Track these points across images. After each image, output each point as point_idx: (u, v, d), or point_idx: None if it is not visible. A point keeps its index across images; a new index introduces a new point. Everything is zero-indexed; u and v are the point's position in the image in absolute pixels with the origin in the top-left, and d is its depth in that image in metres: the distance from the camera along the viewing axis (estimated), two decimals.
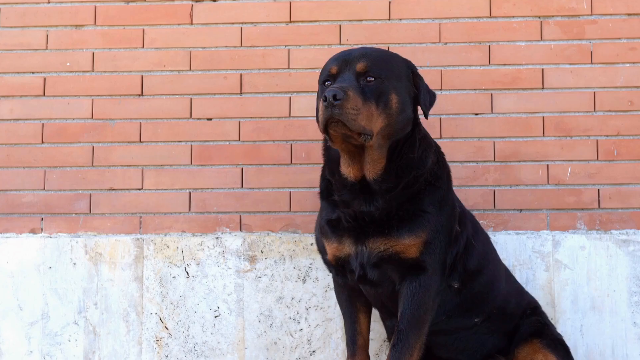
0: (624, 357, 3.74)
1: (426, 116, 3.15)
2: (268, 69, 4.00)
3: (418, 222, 3.03)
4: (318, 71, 3.25)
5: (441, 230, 3.07)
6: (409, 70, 3.11)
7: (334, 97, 2.82)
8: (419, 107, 3.16)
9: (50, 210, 3.98)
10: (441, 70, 3.94)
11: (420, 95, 3.10)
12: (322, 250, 3.26)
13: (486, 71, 3.94)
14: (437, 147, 3.24)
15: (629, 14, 3.92)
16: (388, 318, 3.35)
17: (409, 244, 3.02)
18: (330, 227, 3.14)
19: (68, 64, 4.05)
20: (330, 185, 3.16)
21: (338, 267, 3.18)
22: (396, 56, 3.15)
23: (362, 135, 2.89)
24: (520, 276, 3.75)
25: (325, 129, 2.90)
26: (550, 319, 3.52)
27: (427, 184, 3.09)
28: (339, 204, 3.11)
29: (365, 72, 2.96)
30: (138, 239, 3.92)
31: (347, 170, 3.06)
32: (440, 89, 3.92)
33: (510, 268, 3.69)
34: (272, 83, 3.99)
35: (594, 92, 3.90)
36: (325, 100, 2.83)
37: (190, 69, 4.02)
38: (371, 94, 2.92)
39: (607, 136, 3.88)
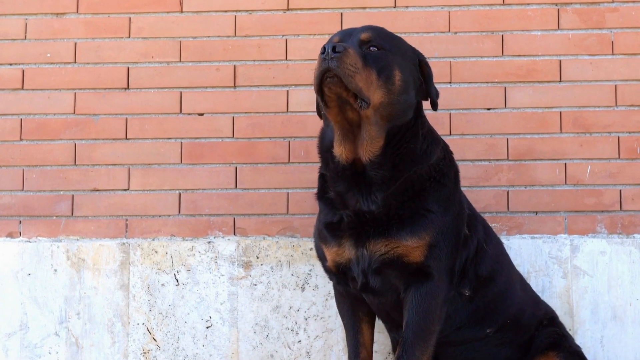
0: None
1: (435, 107, 3.14)
2: (264, 61, 4.00)
3: (421, 222, 3.02)
4: None
5: (447, 233, 3.06)
6: (415, 57, 3.14)
7: (334, 49, 2.83)
8: (423, 102, 3.16)
9: (29, 213, 3.98)
10: (451, 62, 3.94)
11: (429, 84, 3.12)
12: (321, 257, 3.24)
13: (499, 63, 3.94)
14: (445, 145, 3.23)
15: None
16: (393, 329, 3.34)
17: (411, 246, 3.00)
18: (329, 230, 3.13)
19: (48, 54, 4.04)
20: (326, 181, 3.16)
21: (339, 275, 3.16)
22: (404, 40, 3.17)
23: (358, 100, 2.88)
24: (535, 283, 3.75)
25: (319, 87, 2.89)
26: (568, 329, 3.52)
27: (432, 181, 3.07)
28: (335, 201, 3.10)
29: (369, 42, 3.00)
30: (124, 244, 3.91)
31: (339, 149, 3.03)
32: (450, 82, 3.92)
33: (525, 275, 3.69)
34: (269, 75, 3.99)
35: (615, 85, 3.90)
36: (323, 52, 2.84)
37: (180, 61, 4.02)
38: (373, 63, 2.94)
39: (629, 132, 3.88)
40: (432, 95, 3.15)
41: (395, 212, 3.01)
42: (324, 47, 2.85)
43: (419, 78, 3.12)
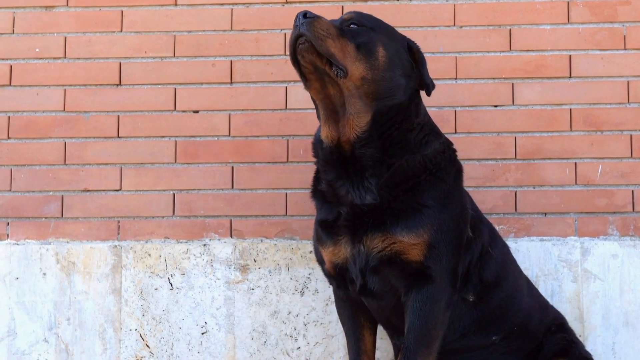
0: None
1: (429, 92, 3.15)
2: (262, 56, 4.00)
3: (417, 217, 3.00)
4: None
5: (447, 232, 3.03)
6: (404, 41, 3.15)
7: (305, 15, 2.89)
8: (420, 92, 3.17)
9: (17, 214, 3.98)
10: (456, 57, 3.93)
11: (422, 70, 3.12)
12: (320, 260, 3.24)
13: (506, 58, 3.93)
14: (448, 142, 3.21)
15: None
16: (395, 335, 3.34)
17: (408, 243, 2.98)
18: (324, 229, 3.13)
19: (37, 49, 4.04)
20: (319, 176, 3.17)
21: (338, 278, 3.16)
22: (392, 26, 3.18)
23: (334, 68, 2.91)
24: (544, 288, 3.74)
25: (294, 57, 2.94)
26: (578, 335, 3.51)
27: (427, 174, 3.05)
28: (327, 194, 3.10)
29: (350, 20, 3.05)
30: (116, 247, 3.91)
31: (324, 130, 3.06)
32: (455, 78, 3.91)
33: (533, 279, 3.69)
34: (267, 71, 3.99)
35: (628, 82, 3.89)
36: (296, 20, 2.90)
37: (174, 56, 4.02)
38: (351, 37, 2.99)
39: None
40: (426, 80, 3.13)
41: (388, 206, 3.01)
42: (296, 16, 2.91)
43: (409, 62, 3.11)
